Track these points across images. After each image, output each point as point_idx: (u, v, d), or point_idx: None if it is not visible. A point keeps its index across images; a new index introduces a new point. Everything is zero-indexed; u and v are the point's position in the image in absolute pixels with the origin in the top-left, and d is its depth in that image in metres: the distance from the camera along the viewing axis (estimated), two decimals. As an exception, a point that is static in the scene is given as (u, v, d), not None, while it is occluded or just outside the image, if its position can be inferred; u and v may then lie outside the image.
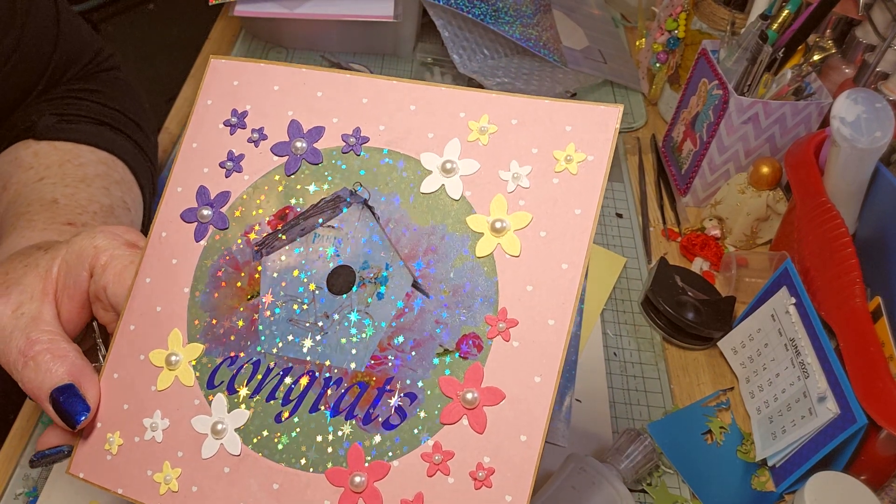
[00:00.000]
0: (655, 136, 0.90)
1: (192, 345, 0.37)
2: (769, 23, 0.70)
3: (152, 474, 0.36)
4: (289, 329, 0.36)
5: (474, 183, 0.35)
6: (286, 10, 0.86)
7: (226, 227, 0.38)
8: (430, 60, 0.97)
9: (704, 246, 0.76)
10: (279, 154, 0.39)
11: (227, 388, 0.36)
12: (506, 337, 0.33)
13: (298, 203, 0.38)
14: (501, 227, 0.34)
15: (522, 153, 0.35)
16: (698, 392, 0.65)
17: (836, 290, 0.59)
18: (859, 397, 0.52)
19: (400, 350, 0.34)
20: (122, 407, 0.37)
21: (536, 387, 0.32)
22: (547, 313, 0.33)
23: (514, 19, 0.92)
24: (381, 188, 0.36)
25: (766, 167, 0.73)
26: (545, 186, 0.34)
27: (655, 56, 0.92)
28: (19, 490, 0.52)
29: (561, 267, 0.33)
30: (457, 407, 0.33)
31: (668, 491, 0.58)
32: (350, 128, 0.38)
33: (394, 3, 0.88)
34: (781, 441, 0.58)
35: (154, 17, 2.50)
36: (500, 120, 0.35)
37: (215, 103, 0.40)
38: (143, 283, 0.38)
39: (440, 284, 0.35)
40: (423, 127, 0.36)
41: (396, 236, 0.36)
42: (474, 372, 0.33)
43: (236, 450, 0.35)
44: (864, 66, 0.74)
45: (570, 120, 0.34)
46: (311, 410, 0.35)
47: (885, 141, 0.60)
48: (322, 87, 0.38)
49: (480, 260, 0.34)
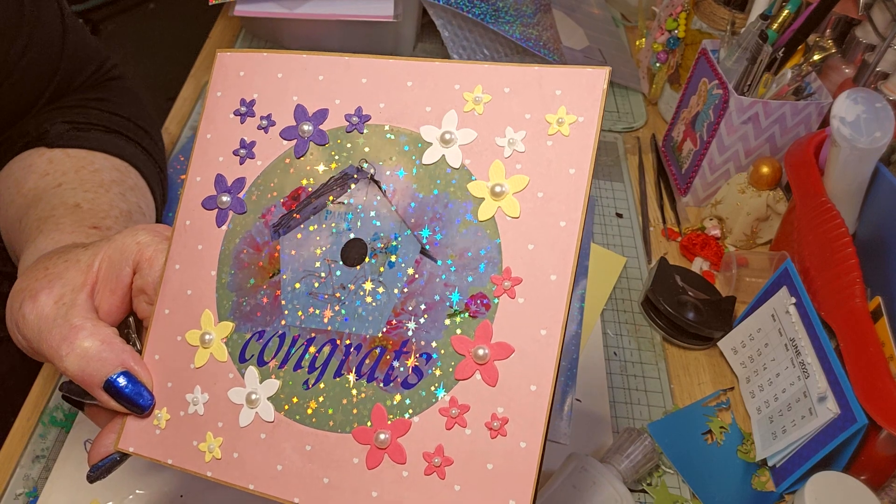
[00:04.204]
0: (655, 136, 0.90)
1: (223, 323, 0.40)
2: (769, 22, 0.70)
3: (197, 444, 0.38)
4: (309, 302, 0.38)
5: (472, 151, 0.37)
6: (286, 10, 0.86)
7: (244, 212, 0.41)
8: (431, 60, 0.97)
9: (704, 246, 0.76)
10: (288, 138, 0.41)
11: (258, 360, 0.38)
12: (511, 294, 0.35)
13: (309, 183, 0.40)
14: (501, 191, 0.36)
15: (516, 119, 0.36)
16: (698, 392, 0.65)
17: (836, 290, 0.59)
18: (859, 397, 0.52)
19: (413, 314, 0.36)
20: (166, 385, 0.40)
21: (543, 339, 0.34)
22: (549, 269, 0.34)
23: (514, 19, 0.92)
24: (385, 163, 0.38)
25: (766, 167, 0.73)
26: (540, 149, 0.36)
27: (655, 56, 0.92)
28: (19, 490, 0.52)
29: (559, 224, 0.35)
30: (469, 363, 0.35)
31: (668, 491, 0.58)
32: (352, 108, 0.40)
33: (394, 3, 0.87)
34: (781, 441, 0.58)
35: (154, 16, 2.50)
36: (493, 89, 0.37)
37: (224, 94, 0.42)
38: (172, 269, 0.41)
39: (447, 249, 0.36)
40: (420, 101, 0.38)
41: (403, 207, 0.38)
42: (484, 329, 0.35)
43: (270, 417, 0.37)
44: (864, 65, 0.74)
45: (559, 84, 0.36)
46: (334, 376, 0.37)
47: (885, 141, 0.60)
48: (322, 71, 0.40)
49: (483, 223, 0.36)
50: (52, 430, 0.55)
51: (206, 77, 0.91)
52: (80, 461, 0.53)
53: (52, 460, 0.53)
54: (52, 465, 0.53)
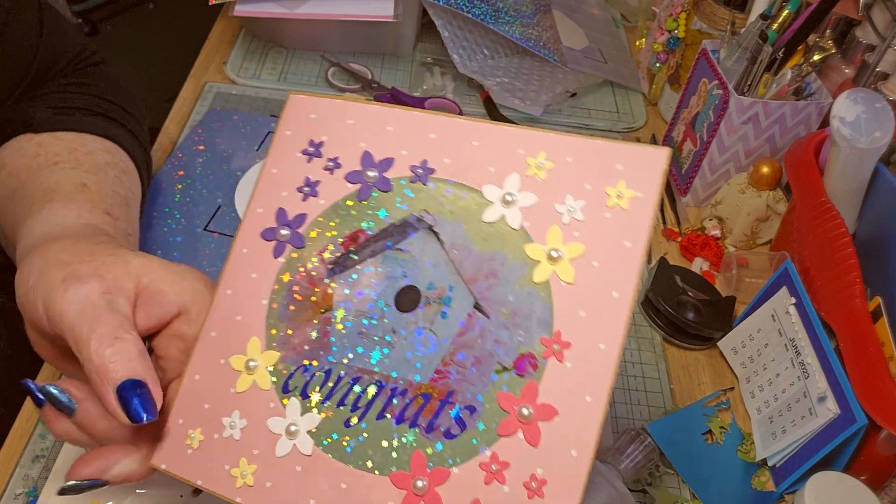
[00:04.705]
0: (655, 136, 0.90)
1: (269, 352, 0.40)
2: (769, 23, 0.70)
3: (229, 469, 0.38)
4: (359, 342, 0.39)
5: (532, 214, 0.37)
6: (286, 10, 0.86)
7: (302, 246, 0.41)
8: (430, 60, 0.97)
9: (704, 246, 0.76)
10: (352, 181, 0.42)
11: (301, 393, 0.39)
12: (560, 358, 0.35)
13: (369, 227, 0.41)
14: (557, 256, 0.36)
15: (577, 188, 0.37)
16: (698, 392, 0.65)
17: (835, 290, 0.59)
18: (859, 397, 0.52)
19: (461, 366, 0.37)
20: (203, 406, 0.40)
21: (587, 406, 0.34)
22: (598, 338, 0.35)
23: (514, 19, 0.92)
24: (445, 216, 0.39)
25: (766, 167, 0.73)
26: (598, 220, 0.36)
27: (655, 56, 0.92)
28: (19, 490, 0.52)
29: (612, 295, 0.35)
30: (513, 420, 0.35)
31: (668, 491, 0.58)
32: (418, 160, 0.41)
33: (394, 3, 0.87)
34: (781, 441, 0.58)
35: (154, 16, 2.50)
36: (556, 157, 0.38)
37: (294, 134, 0.44)
38: (224, 294, 0.41)
39: (499, 307, 0.37)
40: (484, 161, 0.39)
41: (459, 261, 0.38)
42: (530, 389, 0.35)
43: (308, 450, 0.38)
44: (864, 66, 0.74)
45: (621, 159, 0.37)
46: (377, 417, 0.37)
47: (884, 141, 0.60)
48: (392, 123, 0.42)
49: (537, 286, 0.36)
50: (52, 430, 0.55)
51: (205, 77, 0.91)
52: (80, 461, 0.53)
53: (52, 460, 0.53)
54: (52, 465, 0.53)
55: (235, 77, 0.90)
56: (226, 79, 0.91)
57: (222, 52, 0.94)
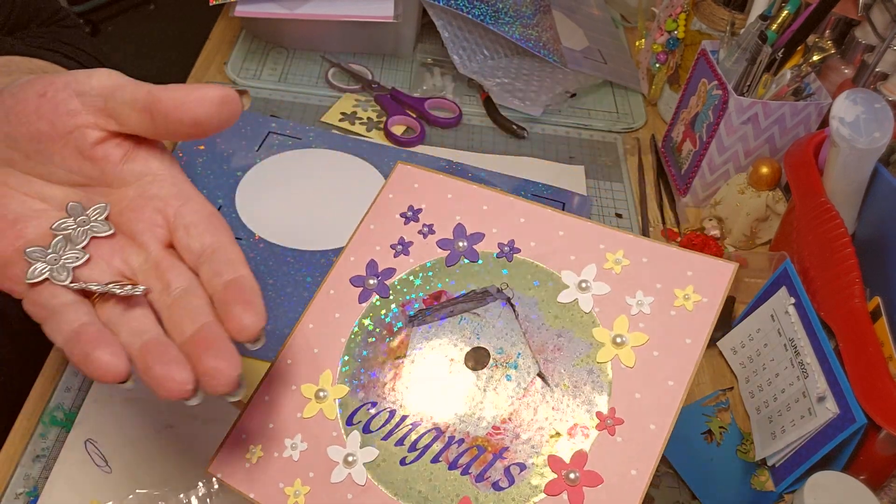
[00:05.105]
0: (655, 137, 0.90)
1: (340, 385, 0.43)
2: (769, 23, 0.70)
3: (283, 487, 0.40)
4: (425, 390, 0.41)
5: (603, 302, 0.41)
6: (286, 11, 0.86)
7: (387, 297, 0.45)
8: (430, 61, 0.97)
9: (704, 246, 0.76)
10: (443, 248, 0.45)
11: (363, 428, 0.41)
12: (611, 432, 0.37)
13: (452, 289, 0.44)
14: (621, 341, 0.39)
15: (648, 286, 0.40)
16: (698, 392, 0.65)
17: (835, 291, 0.59)
18: (859, 397, 0.52)
19: (518, 425, 0.39)
20: (268, 425, 0.43)
21: (632, 478, 0.36)
22: (650, 419, 0.37)
23: (513, 20, 0.92)
24: (523, 291, 0.42)
25: (765, 167, 0.73)
26: (663, 316, 0.39)
27: (655, 56, 0.92)
28: (20, 490, 0.52)
29: (667, 383, 0.38)
30: (560, 482, 0.37)
31: (668, 491, 0.58)
32: (506, 238, 0.44)
33: (394, 3, 0.88)
34: (781, 441, 0.58)
35: (154, 17, 2.51)
36: (633, 256, 0.41)
37: (395, 197, 0.48)
38: (306, 327, 0.45)
39: (562, 378, 0.40)
40: (567, 250, 0.43)
41: (530, 332, 0.41)
42: (579, 456, 0.37)
43: (362, 480, 0.40)
44: (864, 66, 0.74)
45: (692, 267, 0.40)
46: (432, 461, 0.39)
47: (884, 141, 0.60)
48: (488, 203, 0.45)
49: (599, 364, 0.39)
50: (52, 430, 0.55)
51: (206, 77, 0.91)
52: (81, 461, 0.53)
53: (53, 460, 0.53)
54: (52, 465, 0.53)
55: (236, 77, 0.90)
56: (226, 79, 0.91)
57: (223, 53, 0.94)
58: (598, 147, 0.89)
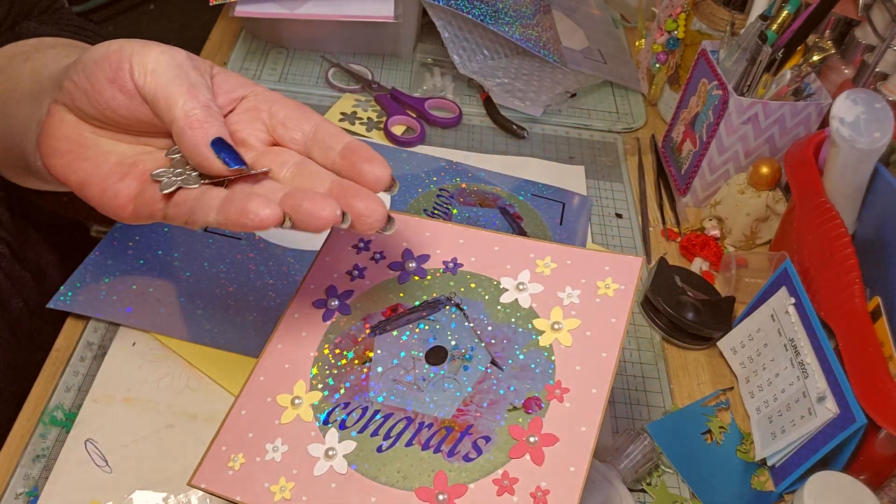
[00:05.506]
0: (655, 137, 0.90)
1: (313, 392, 0.47)
2: (769, 23, 0.70)
3: (269, 486, 0.43)
4: (393, 387, 0.46)
5: (539, 298, 0.47)
6: (286, 11, 0.86)
7: (349, 314, 0.50)
8: (430, 61, 0.97)
9: (704, 246, 0.76)
10: (394, 269, 0.51)
11: (339, 425, 0.45)
12: (560, 399, 0.43)
13: (406, 302, 0.49)
14: (559, 327, 0.45)
15: (574, 281, 0.47)
16: (698, 392, 0.65)
17: (835, 291, 0.59)
18: (858, 397, 0.52)
19: (479, 405, 0.44)
20: (247, 435, 0.46)
21: (582, 433, 0.41)
22: (591, 385, 0.43)
23: (513, 20, 0.92)
24: (470, 297, 0.48)
25: (765, 167, 0.73)
26: (590, 303, 0.46)
27: (655, 56, 0.92)
28: (20, 490, 0.52)
29: (601, 355, 0.44)
30: (522, 446, 0.42)
31: (668, 491, 0.58)
32: (450, 257, 0.50)
33: (394, 3, 0.88)
34: (781, 441, 0.58)
35: (154, 17, 2.50)
36: (559, 260, 0.48)
37: (346, 233, 0.52)
38: (275, 347, 0.49)
39: (512, 363, 0.45)
40: (503, 260, 0.49)
41: (480, 329, 0.47)
42: (536, 423, 0.42)
43: (343, 470, 0.43)
44: (864, 66, 0.74)
45: (608, 263, 0.47)
46: (406, 444, 0.43)
47: (884, 141, 0.60)
48: (430, 230, 0.51)
49: (543, 348, 0.45)
50: (52, 430, 0.55)
51: (206, 77, 0.91)
52: (81, 461, 0.53)
53: (53, 460, 0.53)
54: (52, 465, 0.53)
55: (236, 77, 0.90)
56: (226, 79, 0.91)
57: (223, 53, 0.94)
58: (598, 147, 0.89)
